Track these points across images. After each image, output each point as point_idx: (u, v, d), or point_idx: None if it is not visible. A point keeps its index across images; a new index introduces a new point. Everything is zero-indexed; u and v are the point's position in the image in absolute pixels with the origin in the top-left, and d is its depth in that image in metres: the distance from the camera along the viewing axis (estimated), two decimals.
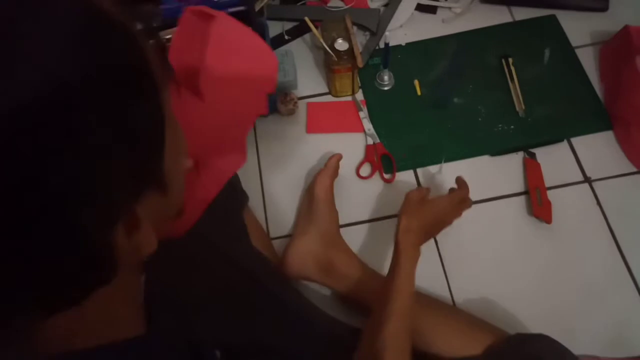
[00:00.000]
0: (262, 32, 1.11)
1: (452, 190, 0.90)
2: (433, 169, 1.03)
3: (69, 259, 0.28)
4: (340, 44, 1.02)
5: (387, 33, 0.98)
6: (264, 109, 0.81)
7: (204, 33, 0.67)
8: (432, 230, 0.81)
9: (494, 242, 0.95)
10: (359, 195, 1.02)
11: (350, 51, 1.03)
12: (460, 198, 0.86)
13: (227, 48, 0.68)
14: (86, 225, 0.28)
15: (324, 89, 1.14)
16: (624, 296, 0.91)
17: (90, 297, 0.31)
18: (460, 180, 0.90)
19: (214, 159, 0.66)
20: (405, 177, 1.03)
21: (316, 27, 1.08)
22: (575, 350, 0.84)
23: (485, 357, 0.74)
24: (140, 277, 0.42)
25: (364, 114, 1.09)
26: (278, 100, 1.08)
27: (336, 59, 1.02)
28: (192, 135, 0.42)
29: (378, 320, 0.65)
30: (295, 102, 1.09)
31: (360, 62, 1.02)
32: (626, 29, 1.03)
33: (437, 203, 0.82)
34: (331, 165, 0.96)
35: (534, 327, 0.87)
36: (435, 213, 0.81)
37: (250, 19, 1.09)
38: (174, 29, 1.13)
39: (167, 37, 1.10)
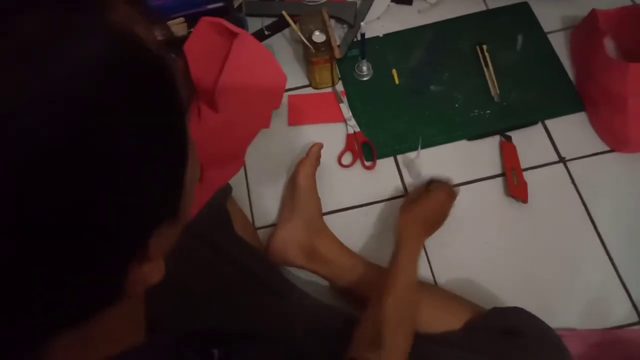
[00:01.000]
0: (242, 28, 1.13)
1: (433, 181, 0.92)
2: (412, 154, 1.06)
3: (79, 282, 0.28)
4: (318, 36, 1.04)
5: (362, 24, 1.00)
6: (267, 124, 0.82)
7: (220, 47, 0.68)
8: (433, 221, 0.85)
9: (473, 223, 0.98)
10: (341, 183, 1.05)
11: (328, 43, 1.05)
12: (448, 189, 0.89)
13: (243, 66, 0.69)
14: (106, 257, 0.28)
15: (304, 81, 1.17)
16: (599, 271, 0.94)
17: (92, 320, 0.31)
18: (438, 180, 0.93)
19: (216, 167, 0.66)
20: (386, 164, 1.06)
21: (295, 21, 1.10)
22: (554, 324, 0.87)
23: (465, 331, 0.76)
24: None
25: (344, 104, 1.12)
26: None
27: (314, 51, 1.05)
28: (200, 144, 0.44)
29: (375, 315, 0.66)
30: None
31: (337, 53, 1.04)
32: (593, 12, 1.06)
33: (433, 196, 0.86)
34: (312, 153, 0.99)
35: (514, 303, 0.89)
36: (434, 204, 0.84)
37: (229, 15, 1.11)
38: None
39: None
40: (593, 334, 0.87)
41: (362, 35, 1.03)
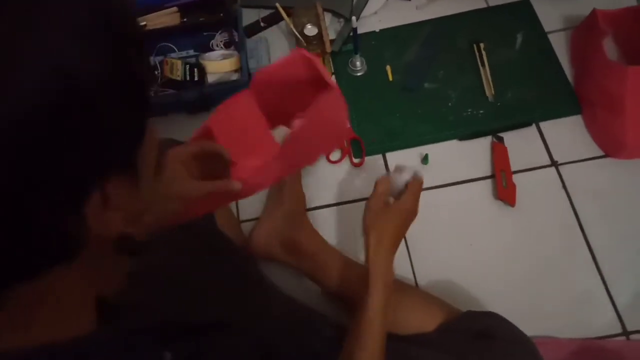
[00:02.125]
0: (235, 19, 1.13)
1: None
2: (404, 154, 1.04)
3: (40, 221, 0.29)
4: (309, 30, 1.03)
5: (353, 19, 0.99)
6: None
7: (303, 83, 0.69)
8: (402, 232, 0.72)
9: (459, 224, 0.97)
10: (328, 179, 1.04)
11: (320, 36, 1.04)
12: (419, 187, 0.75)
13: (322, 120, 0.70)
14: (58, 188, 0.29)
15: None
16: (585, 279, 0.91)
17: (52, 275, 0.32)
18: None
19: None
20: (374, 162, 1.05)
21: (290, 14, 1.09)
22: (535, 330, 0.86)
23: (438, 333, 0.75)
24: (103, 270, 0.41)
25: None
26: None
27: (305, 44, 1.03)
28: None
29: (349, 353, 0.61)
30: None
31: (328, 47, 1.03)
32: (594, 12, 1.03)
33: (401, 204, 0.72)
34: None
35: (495, 307, 0.88)
36: (402, 214, 0.72)
37: (223, 6, 1.11)
38: (151, 14, 1.14)
39: (143, 23, 1.12)
40: (573, 343, 0.86)
41: (354, 29, 1.01)
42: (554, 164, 1.01)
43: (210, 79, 1.10)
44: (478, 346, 0.70)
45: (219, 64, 1.10)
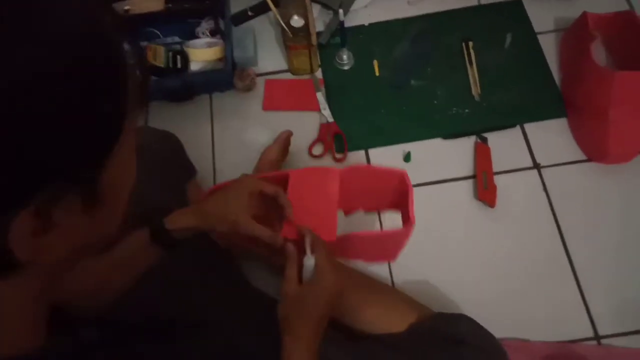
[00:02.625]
0: (222, 7, 1.11)
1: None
2: (386, 151, 1.03)
3: None
4: (296, 21, 1.02)
5: (340, 11, 0.97)
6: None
7: (390, 196, 0.79)
8: (326, 312, 0.59)
9: (438, 224, 0.96)
10: None
11: (306, 28, 1.02)
12: (323, 253, 0.62)
13: (391, 239, 0.77)
14: None
15: (284, 66, 1.14)
16: (561, 283, 0.91)
17: None
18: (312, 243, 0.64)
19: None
20: (357, 157, 1.04)
21: (278, 5, 1.07)
22: (508, 333, 0.86)
23: (408, 334, 0.75)
24: (52, 285, 0.37)
25: (320, 93, 1.09)
26: (235, 76, 1.08)
27: (291, 36, 1.02)
28: None
29: None
30: (253, 78, 1.09)
31: (314, 40, 1.02)
32: (584, 15, 1.02)
33: (317, 283, 0.60)
34: (280, 141, 0.97)
35: (469, 309, 0.88)
36: (322, 295, 0.59)
37: None
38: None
39: (126, 7, 1.10)
40: (545, 346, 0.86)
41: (341, 22, 1.00)
42: (537, 166, 1.00)
43: (194, 67, 1.08)
44: (445, 351, 0.69)
45: (203, 52, 1.08)
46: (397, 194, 0.78)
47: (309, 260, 0.61)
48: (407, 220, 0.72)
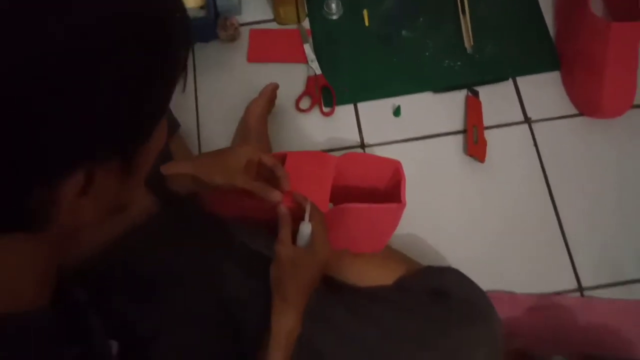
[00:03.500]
0: None
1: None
2: (375, 105, 1.00)
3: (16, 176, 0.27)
4: None
5: None
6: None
7: (382, 184, 0.79)
8: (314, 280, 0.62)
9: (427, 179, 0.95)
10: (296, 128, 1.00)
11: None
12: (322, 224, 0.63)
13: (382, 216, 0.75)
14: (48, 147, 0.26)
15: (269, 15, 1.09)
16: (548, 236, 0.92)
17: (4, 242, 0.30)
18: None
19: None
20: (345, 112, 1.01)
21: None
22: (496, 285, 0.87)
23: (395, 287, 0.75)
24: (66, 249, 0.39)
25: (308, 44, 1.05)
26: (218, 25, 1.03)
27: None
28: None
29: None
30: (236, 28, 1.04)
31: None
32: None
33: (313, 253, 0.61)
34: (265, 93, 0.94)
35: (457, 262, 0.88)
36: (313, 265, 0.61)
37: None
38: None
39: None
40: (530, 298, 0.87)
41: None
42: (527, 120, 0.99)
43: None
44: (432, 306, 0.70)
45: None
46: (391, 184, 0.78)
47: (306, 227, 0.61)
48: (399, 199, 0.71)
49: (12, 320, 0.32)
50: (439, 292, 0.72)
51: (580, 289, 0.89)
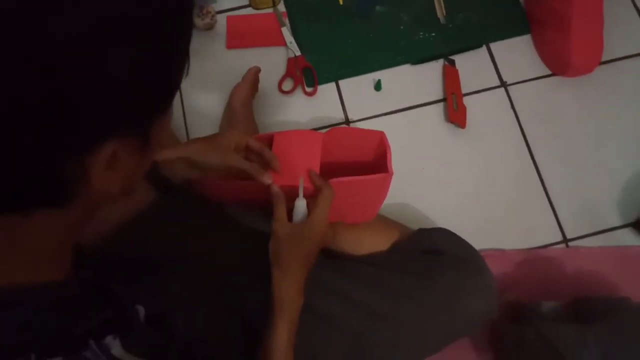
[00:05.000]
0: None
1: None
2: (356, 81, 1.03)
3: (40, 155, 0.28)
4: None
5: None
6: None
7: (369, 156, 0.80)
8: (314, 253, 0.64)
9: (411, 149, 0.98)
10: (282, 110, 1.02)
11: None
12: (329, 200, 0.65)
13: (370, 186, 0.76)
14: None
15: (244, 1, 1.10)
16: (531, 194, 0.96)
17: (36, 216, 0.31)
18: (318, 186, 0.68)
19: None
20: (327, 90, 1.03)
21: None
22: (485, 244, 0.91)
23: (391, 252, 0.78)
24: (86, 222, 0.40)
25: (286, 27, 1.06)
26: (194, 14, 1.04)
27: None
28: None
29: None
30: (213, 16, 1.05)
31: None
32: None
33: (310, 227, 0.62)
34: (248, 77, 0.95)
35: (447, 226, 0.90)
36: (312, 238, 0.62)
37: None
38: None
39: None
40: (518, 254, 0.91)
41: None
42: (503, 84, 1.02)
43: None
44: (426, 263, 0.73)
45: None
46: (377, 154, 0.80)
47: (301, 203, 0.64)
48: (385, 169, 0.73)
49: (38, 289, 0.34)
50: (431, 251, 0.75)
51: (565, 240, 0.94)
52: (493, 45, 1.05)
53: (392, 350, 0.67)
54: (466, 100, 1.00)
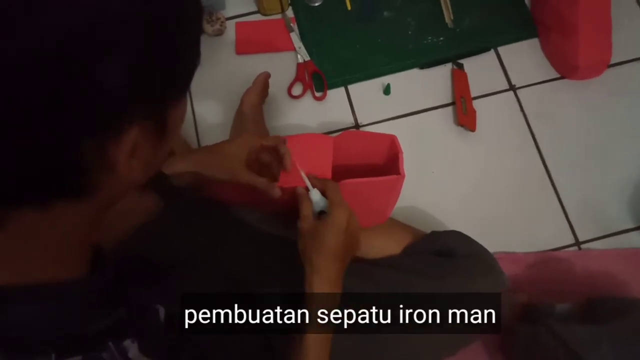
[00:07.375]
0: None
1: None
2: (365, 85, 1.03)
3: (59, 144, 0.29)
4: None
5: None
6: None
7: (380, 159, 0.81)
8: (348, 246, 0.62)
9: (421, 152, 0.98)
10: (291, 115, 1.02)
11: None
12: (337, 191, 0.65)
13: (381, 189, 0.76)
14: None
15: (253, 7, 1.11)
16: (542, 197, 0.96)
17: (57, 209, 0.31)
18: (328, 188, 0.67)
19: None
20: (337, 95, 1.04)
21: None
22: (496, 247, 0.91)
23: (404, 254, 0.78)
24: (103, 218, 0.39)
25: (294, 33, 1.07)
26: (204, 21, 1.05)
27: None
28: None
29: None
30: (223, 22, 1.06)
31: None
32: None
33: (332, 219, 0.61)
34: (258, 82, 0.95)
35: (458, 228, 0.91)
36: (339, 229, 0.60)
37: None
38: None
39: None
40: (529, 256, 0.91)
41: None
42: (512, 88, 1.03)
43: None
44: (440, 265, 0.73)
45: None
46: (388, 157, 0.80)
47: (314, 194, 0.65)
48: (397, 171, 0.74)
49: (58, 287, 0.34)
50: (443, 253, 0.75)
51: (577, 243, 0.93)
52: (501, 49, 1.05)
53: (407, 351, 0.67)
54: (475, 104, 1.00)
